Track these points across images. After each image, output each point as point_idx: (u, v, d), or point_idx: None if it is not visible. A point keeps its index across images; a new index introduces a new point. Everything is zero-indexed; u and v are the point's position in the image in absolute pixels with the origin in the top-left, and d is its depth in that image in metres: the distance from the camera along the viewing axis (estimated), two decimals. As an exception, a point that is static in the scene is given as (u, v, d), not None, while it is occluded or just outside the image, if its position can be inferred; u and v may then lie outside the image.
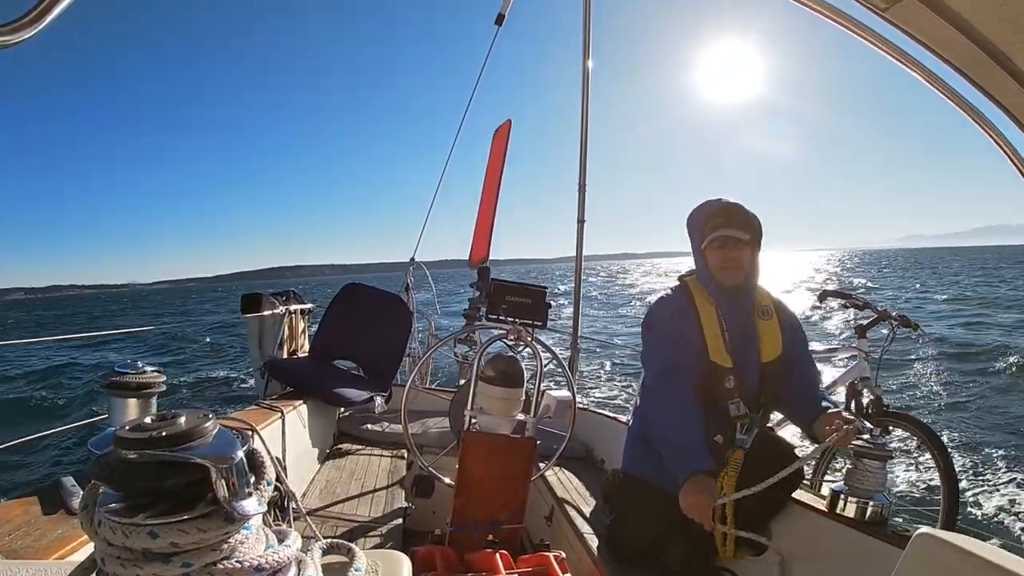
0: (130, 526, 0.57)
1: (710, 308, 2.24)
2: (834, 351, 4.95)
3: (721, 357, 2.18)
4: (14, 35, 0.67)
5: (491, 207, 5.10)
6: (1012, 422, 8.03)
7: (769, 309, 2.30)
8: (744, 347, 2.22)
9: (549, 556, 2.17)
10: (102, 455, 0.61)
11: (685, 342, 2.21)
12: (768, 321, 2.28)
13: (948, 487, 3.09)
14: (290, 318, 3.89)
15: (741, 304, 2.24)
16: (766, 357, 2.22)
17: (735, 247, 2.17)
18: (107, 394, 1.62)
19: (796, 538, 2.10)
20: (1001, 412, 8.57)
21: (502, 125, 5.23)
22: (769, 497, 1.99)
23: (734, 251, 2.17)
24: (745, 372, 2.20)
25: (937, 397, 9.64)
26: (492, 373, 2.41)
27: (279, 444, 2.65)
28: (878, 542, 1.76)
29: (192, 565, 0.58)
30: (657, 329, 2.30)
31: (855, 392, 3.65)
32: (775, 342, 2.24)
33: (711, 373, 2.18)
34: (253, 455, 0.67)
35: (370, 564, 0.81)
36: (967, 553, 1.11)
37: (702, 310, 2.25)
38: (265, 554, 0.64)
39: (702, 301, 2.26)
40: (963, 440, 7.35)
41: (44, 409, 11.35)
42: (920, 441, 3.32)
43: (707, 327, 2.21)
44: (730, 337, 2.21)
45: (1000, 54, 0.88)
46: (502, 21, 4.71)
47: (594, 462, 3.49)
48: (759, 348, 2.23)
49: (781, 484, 1.88)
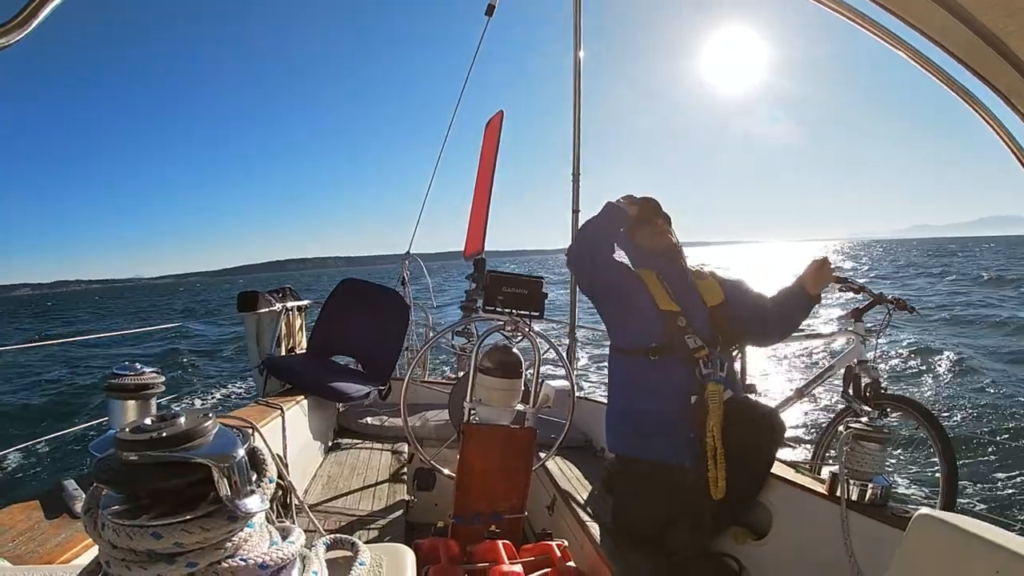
0: (133, 528, 0.57)
1: (650, 273, 2.57)
2: (831, 335, 4.97)
3: (668, 304, 2.46)
4: (4, 38, 0.67)
5: (485, 199, 5.08)
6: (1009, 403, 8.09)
7: (703, 273, 2.65)
8: (687, 296, 2.52)
9: (552, 545, 2.18)
10: (103, 458, 0.61)
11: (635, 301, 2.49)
12: (705, 280, 2.62)
13: (947, 468, 3.12)
14: (287, 315, 3.88)
15: (675, 262, 2.62)
16: (711, 302, 2.54)
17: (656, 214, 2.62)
18: (106, 396, 1.62)
19: (796, 521, 2.11)
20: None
21: (494, 116, 5.20)
22: (753, 462, 2.20)
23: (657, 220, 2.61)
24: (694, 315, 2.46)
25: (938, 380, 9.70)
26: (490, 364, 2.41)
27: (280, 441, 2.65)
28: (879, 524, 1.77)
29: (197, 565, 0.58)
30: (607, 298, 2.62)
31: (853, 375, 3.67)
32: (715, 291, 2.57)
33: (664, 320, 2.43)
34: (254, 453, 0.66)
35: (374, 558, 0.81)
36: (967, 533, 1.12)
37: (644, 276, 2.56)
38: (269, 551, 0.64)
39: (642, 271, 2.59)
40: (960, 421, 7.40)
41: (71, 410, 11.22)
42: (919, 423, 3.34)
43: (651, 286, 2.51)
44: (673, 289, 2.52)
45: (996, 40, 0.87)
46: (492, 12, 4.68)
47: (594, 450, 3.51)
48: (701, 296, 2.55)
49: (761, 451, 2.17)
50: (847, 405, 3.67)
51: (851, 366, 3.72)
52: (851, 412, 3.57)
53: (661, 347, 2.37)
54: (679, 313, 2.43)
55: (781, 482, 2.20)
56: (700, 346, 2.35)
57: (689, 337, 2.37)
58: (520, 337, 2.52)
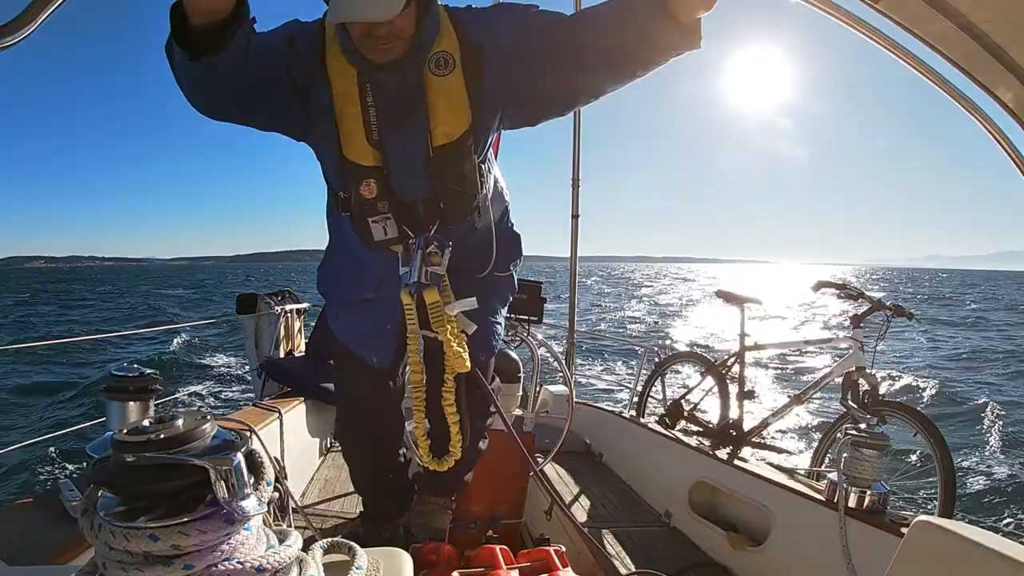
0: (130, 530, 0.57)
1: (348, 78, 1.52)
2: (829, 341, 4.98)
3: (359, 151, 1.55)
4: (4, 38, 0.67)
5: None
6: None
7: (449, 56, 1.52)
8: (396, 131, 1.55)
9: (549, 550, 2.18)
10: (101, 459, 0.61)
11: (309, 122, 1.57)
12: (445, 76, 1.52)
13: (945, 476, 3.11)
14: (286, 318, 3.88)
15: (398, 67, 1.49)
16: (440, 139, 1.54)
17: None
18: (104, 398, 1.62)
19: (795, 527, 2.11)
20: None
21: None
22: (474, 414, 1.89)
23: (382, 28, 1.37)
24: (398, 173, 1.58)
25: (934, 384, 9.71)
26: None
27: (277, 444, 2.64)
28: (877, 530, 1.77)
29: (193, 567, 0.58)
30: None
31: (852, 382, 3.66)
32: (457, 112, 1.54)
33: (348, 177, 1.58)
34: (252, 456, 0.66)
35: (371, 562, 0.81)
36: (966, 540, 1.12)
37: (335, 77, 1.52)
38: (266, 555, 0.64)
39: (336, 61, 1.52)
40: (958, 429, 7.40)
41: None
42: (917, 430, 3.34)
43: (341, 101, 1.53)
44: (377, 118, 1.53)
45: (995, 47, 0.87)
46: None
47: (592, 456, 3.51)
48: (428, 127, 1.54)
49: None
50: (845, 412, 3.66)
51: (849, 372, 3.71)
52: (849, 419, 3.57)
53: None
54: (371, 171, 1.59)
55: (780, 488, 2.20)
56: (391, 238, 1.65)
57: (376, 222, 1.64)
58: (519, 342, 2.52)
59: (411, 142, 1.55)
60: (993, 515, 5.21)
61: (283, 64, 1.48)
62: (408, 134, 1.55)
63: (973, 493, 5.75)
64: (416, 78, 1.51)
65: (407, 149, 1.56)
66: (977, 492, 5.74)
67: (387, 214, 1.60)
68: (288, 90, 1.51)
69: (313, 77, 1.52)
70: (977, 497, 5.65)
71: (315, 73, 1.52)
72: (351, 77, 1.52)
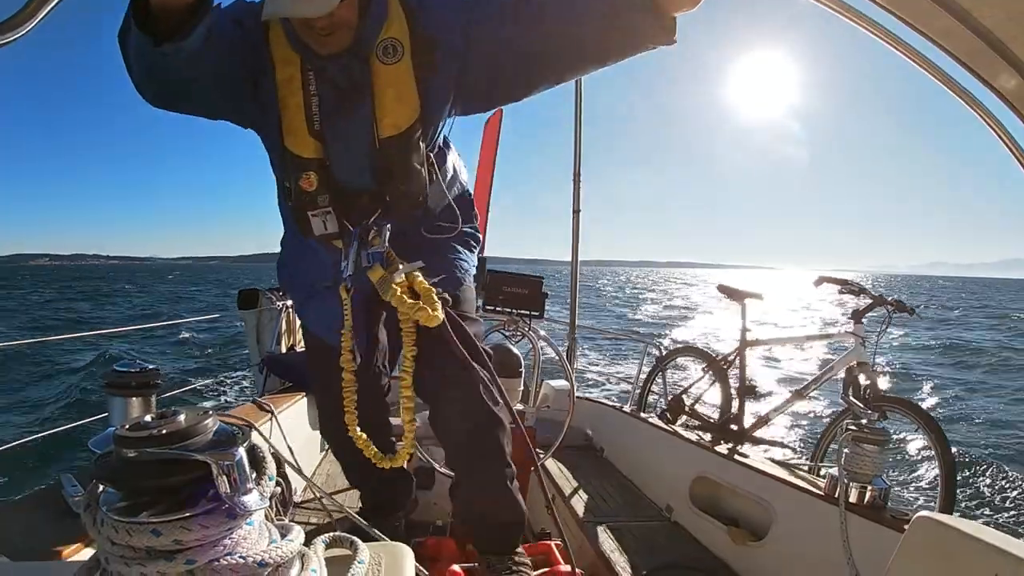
0: (133, 525, 0.57)
1: (291, 66, 1.47)
2: (831, 336, 4.97)
3: (299, 142, 1.49)
4: (4, 36, 0.67)
5: (485, 198, 5.08)
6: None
7: (398, 43, 1.45)
8: (340, 122, 1.49)
9: (551, 544, 2.18)
10: (103, 455, 0.61)
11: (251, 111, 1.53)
12: (394, 64, 1.45)
13: (946, 471, 3.12)
14: (287, 313, 3.88)
15: (344, 56, 1.44)
16: (387, 131, 1.48)
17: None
18: (106, 393, 1.62)
19: (795, 522, 2.11)
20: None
21: (493, 114, 5.21)
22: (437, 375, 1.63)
23: (322, 19, 1.30)
24: (341, 166, 1.53)
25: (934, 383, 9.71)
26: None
27: (279, 439, 2.65)
28: (878, 526, 1.77)
29: (195, 562, 0.59)
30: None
31: (853, 377, 3.67)
32: (405, 103, 1.47)
33: (289, 168, 1.53)
34: (253, 451, 0.67)
35: (373, 556, 0.81)
36: (966, 535, 1.12)
37: (279, 64, 1.47)
38: (268, 549, 0.64)
39: (279, 48, 1.47)
40: (960, 426, 7.40)
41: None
42: (918, 426, 3.34)
43: (284, 90, 1.47)
44: (320, 108, 1.48)
45: (999, 43, 0.87)
46: None
47: (593, 450, 3.51)
48: (373, 118, 1.48)
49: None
50: (846, 407, 3.66)
51: (851, 368, 3.71)
52: (850, 414, 3.57)
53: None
54: (311, 163, 1.53)
55: (780, 483, 2.21)
56: (331, 232, 1.58)
57: (316, 216, 1.57)
58: (520, 336, 2.52)
59: (356, 133, 1.48)
60: (993, 510, 5.21)
61: (235, 48, 1.42)
62: (353, 124, 1.48)
63: (973, 489, 5.76)
64: (362, 67, 1.45)
65: (351, 141, 1.49)
66: (978, 488, 5.75)
67: (327, 208, 1.53)
68: (239, 75, 1.45)
69: (260, 62, 1.47)
70: (978, 492, 5.66)
71: (262, 58, 1.46)
72: (295, 64, 1.45)
